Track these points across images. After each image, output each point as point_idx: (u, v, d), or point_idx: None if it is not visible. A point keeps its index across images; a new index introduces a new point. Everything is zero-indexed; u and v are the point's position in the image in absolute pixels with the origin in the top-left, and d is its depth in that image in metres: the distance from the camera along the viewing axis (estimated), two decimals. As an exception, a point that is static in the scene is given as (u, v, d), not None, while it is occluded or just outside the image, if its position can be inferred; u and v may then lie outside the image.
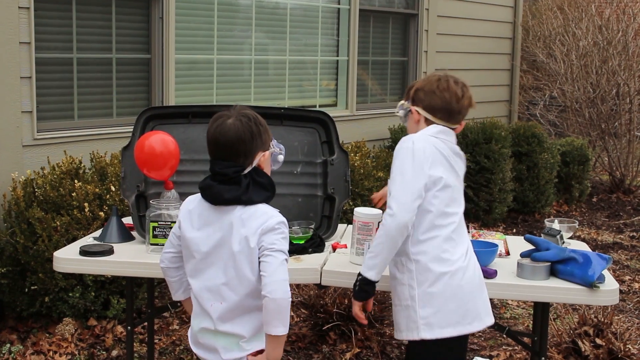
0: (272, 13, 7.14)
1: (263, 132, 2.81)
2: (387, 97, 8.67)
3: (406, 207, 2.91)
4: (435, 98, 3.11)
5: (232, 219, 2.72)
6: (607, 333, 4.48)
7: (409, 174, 2.94)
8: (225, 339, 2.77)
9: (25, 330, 4.81)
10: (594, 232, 7.91)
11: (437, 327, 2.98)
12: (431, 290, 2.98)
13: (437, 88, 3.11)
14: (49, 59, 5.39)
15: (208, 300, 2.77)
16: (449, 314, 2.98)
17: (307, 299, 4.96)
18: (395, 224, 2.91)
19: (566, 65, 10.07)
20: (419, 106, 3.15)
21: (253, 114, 2.81)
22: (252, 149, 2.76)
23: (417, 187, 2.93)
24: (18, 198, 4.71)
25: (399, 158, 2.99)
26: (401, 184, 2.94)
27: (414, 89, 3.19)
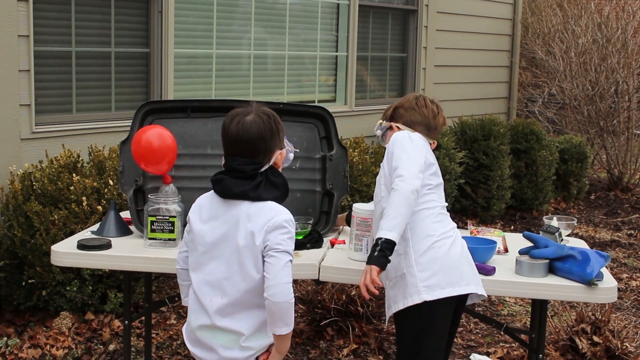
0: (271, 8, 7.13)
1: (280, 130, 2.81)
2: (386, 93, 8.66)
3: (414, 174, 3.05)
4: (414, 114, 3.37)
5: (238, 214, 2.71)
6: (604, 331, 4.48)
7: (411, 152, 3.12)
8: (224, 336, 2.75)
9: (22, 324, 4.80)
10: (591, 230, 7.91)
11: (437, 288, 3.07)
12: (428, 254, 3.08)
13: (416, 105, 3.38)
14: (48, 52, 5.38)
15: (207, 295, 2.76)
16: (447, 275, 3.08)
17: (305, 294, 4.96)
18: (408, 186, 3.01)
19: (565, 63, 10.06)
20: (398, 122, 3.39)
21: (271, 112, 2.80)
22: (272, 147, 2.77)
23: (420, 162, 3.10)
24: (16, 191, 4.70)
25: (397, 144, 3.17)
26: (407, 159, 3.09)
27: (393, 108, 3.46)
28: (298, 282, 5.17)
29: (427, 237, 3.11)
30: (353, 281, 3.62)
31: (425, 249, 3.10)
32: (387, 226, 2.98)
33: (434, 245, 3.10)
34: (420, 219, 3.13)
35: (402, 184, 3.02)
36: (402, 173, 3.05)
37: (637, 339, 4.84)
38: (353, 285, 4.72)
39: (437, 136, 3.42)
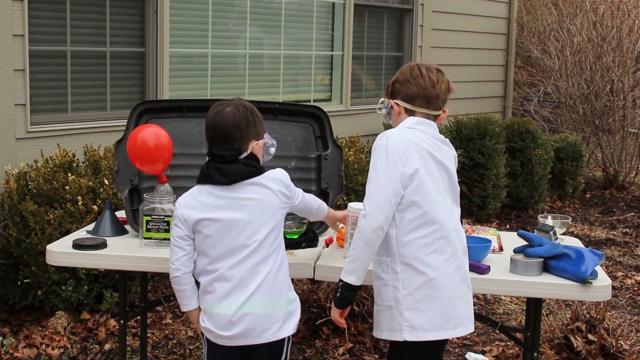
0: (266, 7, 7.13)
1: (258, 122, 3.02)
2: (381, 92, 8.66)
3: (379, 208, 2.88)
4: (410, 86, 3.11)
5: (244, 193, 2.94)
6: (599, 329, 4.49)
7: (382, 173, 2.92)
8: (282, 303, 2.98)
9: (17, 324, 4.80)
10: (587, 228, 7.93)
11: (420, 330, 2.95)
12: (416, 293, 2.94)
13: (410, 76, 3.11)
14: (43, 52, 5.37)
15: (251, 269, 2.91)
16: (432, 318, 2.95)
17: (301, 293, 4.96)
18: (369, 225, 2.88)
19: (560, 62, 10.08)
20: (397, 98, 3.16)
21: (250, 105, 3.02)
22: (247, 135, 2.97)
23: (391, 187, 2.89)
24: (11, 191, 4.69)
25: (374, 157, 2.98)
26: (375, 184, 2.92)
27: (391, 83, 3.22)
28: (294, 281, 5.17)
29: (419, 274, 2.93)
30: (348, 280, 3.63)
31: (416, 287, 2.94)
32: (346, 269, 2.96)
33: (426, 285, 2.94)
34: (413, 251, 2.95)
35: (363, 222, 2.90)
36: (365, 206, 2.91)
37: (632, 337, 4.85)
38: (348, 284, 4.71)
39: (443, 105, 3.14)
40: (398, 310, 2.96)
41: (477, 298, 5.66)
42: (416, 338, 2.96)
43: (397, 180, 2.90)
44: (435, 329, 2.96)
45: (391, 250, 2.97)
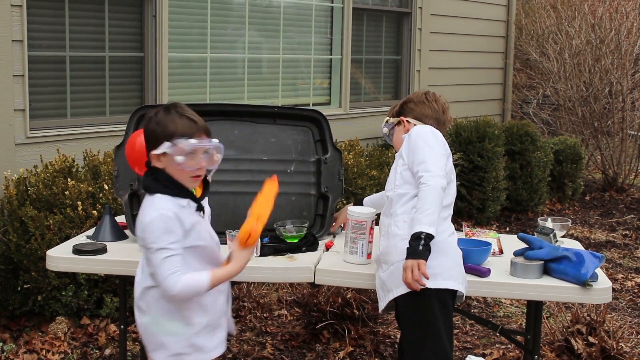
0: (265, 11, 7.13)
1: (157, 128, 2.76)
2: (380, 96, 8.67)
3: (441, 171, 3.10)
4: (425, 107, 3.41)
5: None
6: (599, 331, 4.49)
7: (436, 147, 3.17)
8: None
9: (17, 329, 4.80)
10: (587, 231, 7.93)
11: (440, 278, 3.09)
12: (436, 246, 3.04)
13: (426, 99, 3.42)
14: (42, 57, 5.38)
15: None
16: (448, 269, 3.12)
17: (301, 297, 4.96)
18: (438, 182, 3.05)
19: (559, 64, 10.09)
20: (408, 116, 3.43)
21: (157, 111, 2.81)
22: (148, 147, 2.82)
23: (443, 160, 3.16)
24: (11, 196, 4.69)
25: (421, 137, 3.19)
26: (433, 155, 3.14)
27: (401, 103, 3.48)
28: (294, 285, 5.18)
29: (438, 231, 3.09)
30: (349, 284, 3.63)
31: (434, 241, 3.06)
32: (427, 221, 2.99)
33: (441, 242, 3.10)
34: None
35: (433, 180, 3.05)
36: (430, 169, 3.08)
37: (632, 339, 4.85)
38: (349, 288, 4.72)
39: (445, 132, 3.43)
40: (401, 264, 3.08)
41: (478, 301, 5.66)
42: (435, 285, 3.07)
43: (445, 158, 3.19)
44: (453, 279, 3.12)
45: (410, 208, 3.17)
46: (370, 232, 3.45)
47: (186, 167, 2.73)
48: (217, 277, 2.74)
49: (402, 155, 3.28)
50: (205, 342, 2.89)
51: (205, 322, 2.87)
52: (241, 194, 3.85)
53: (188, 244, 2.76)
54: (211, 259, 2.87)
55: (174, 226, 2.71)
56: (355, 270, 3.41)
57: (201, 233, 2.82)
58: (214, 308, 2.90)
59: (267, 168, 3.95)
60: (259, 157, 3.96)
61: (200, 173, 2.78)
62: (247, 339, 4.88)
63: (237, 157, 3.92)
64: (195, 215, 2.81)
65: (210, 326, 2.90)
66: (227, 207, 2.94)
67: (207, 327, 2.88)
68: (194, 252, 2.79)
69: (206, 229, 2.88)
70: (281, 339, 4.88)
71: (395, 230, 3.19)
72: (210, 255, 2.87)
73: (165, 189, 2.77)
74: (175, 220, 2.71)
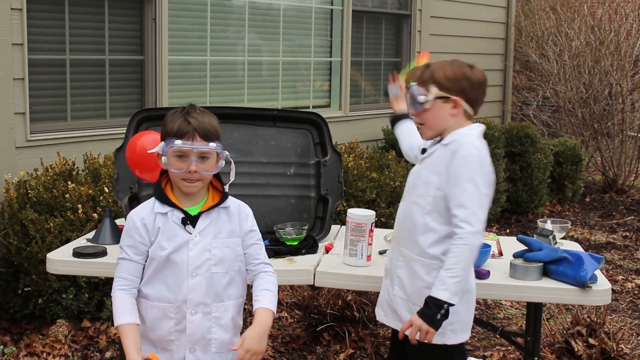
0: (265, 14, 7.14)
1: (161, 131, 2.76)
2: (380, 98, 8.67)
3: (482, 225, 2.76)
4: (480, 92, 2.93)
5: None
6: (600, 333, 4.49)
7: (482, 187, 2.77)
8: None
9: (18, 332, 4.80)
10: (587, 232, 7.93)
11: (459, 332, 2.95)
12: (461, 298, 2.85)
13: (483, 82, 2.94)
14: (42, 61, 5.38)
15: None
16: (467, 320, 2.98)
17: (301, 300, 4.97)
18: (477, 241, 2.75)
19: (559, 66, 10.09)
20: (459, 96, 2.88)
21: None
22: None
23: (487, 204, 2.79)
24: (11, 199, 4.70)
25: (467, 167, 2.77)
26: (477, 200, 2.75)
27: (454, 75, 2.87)
28: (294, 287, 5.18)
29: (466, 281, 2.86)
30: (349, 286, 3.64)
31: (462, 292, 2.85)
32: (454, 290, 2.73)
33: (470, 287, 2.95)
34: None
35: (472, 239, 2.73)
36: (472, 221, 2.73)
37: (632, 340, 4.85)
38: (349, 291, 4.72)
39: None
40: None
41: (478, 303, 5.66)
42: (456, 341, 2.96)
43: (489, 197, 2.82)
44: (467, 331, 2.99)
45: (438, 255, 2.88)
46: (370, 235, 3.46)
47: (172, 168, 2.67)
48: (121, 332, 2.65)
49: (437, 172, 2.86)
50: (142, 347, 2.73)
51: (142, 330, 2.74)
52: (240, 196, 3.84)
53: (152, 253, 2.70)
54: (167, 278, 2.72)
55: (135, 232, 2.68)
56: (355, 272, 3.42)
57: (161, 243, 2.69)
58: (150, 324, 2.75)
59: (266, 171, 3.96)
60: (259, 159, 3.97)
61: (191, 177, 2.66)
62: (247, 341, 4.88)
63: (237, 160, 3.92)
64: (174, 226, 2.71)
65: (149, 341, 2.77)
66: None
67: (144, 338, 2.75)
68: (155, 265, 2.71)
69: (181, 246, 2.70)
70: (282, 341, 4.88)
71: (421, 273, 2.93)
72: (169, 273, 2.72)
73: (155, 192, 2.75)
74: (141, 228, 2.68)
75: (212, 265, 2.73)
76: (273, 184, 3.97)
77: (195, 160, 2.65)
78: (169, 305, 2.71)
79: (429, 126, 2.94)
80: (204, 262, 2.72)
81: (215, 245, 2.74)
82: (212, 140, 2.68)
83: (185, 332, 2.73)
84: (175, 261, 2.70)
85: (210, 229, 2.74)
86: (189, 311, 2.71)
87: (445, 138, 2.91)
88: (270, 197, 3.95)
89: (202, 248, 2.72)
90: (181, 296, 2.70)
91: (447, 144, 2.87)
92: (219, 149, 2.70)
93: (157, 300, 2.72)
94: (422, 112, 2.91)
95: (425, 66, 2.97)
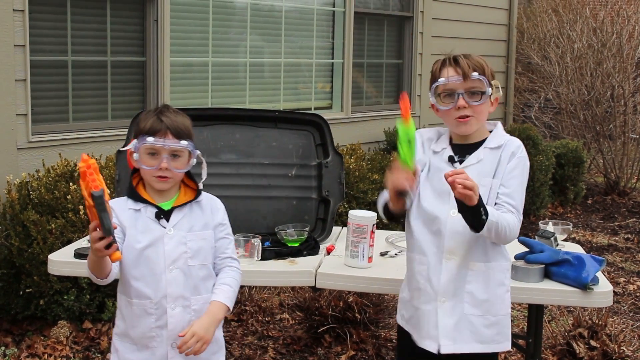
0: (267, 16, 7.15)
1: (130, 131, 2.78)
2: (382, 100, 8.68)
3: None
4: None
5: None
6: (601, 335, 4.49)
7: (525, 186, 2.86)
8: None
9: (20, 333, 4.80)
10: (589, 234, 7.92)
11: (504, 341, 2.87)
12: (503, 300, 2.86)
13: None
14: (44, 62, 5.39)
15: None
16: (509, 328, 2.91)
17: (302, 301, 4.97)
18: (517, 229, 2.75)
19: (561, 68, 10.09)
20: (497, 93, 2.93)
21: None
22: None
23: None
24: (13, 201, 4.70)
25: (521, 167, 2.87)
26: (521, 196, 2.81)
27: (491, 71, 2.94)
28: (295, 289, 5.18)
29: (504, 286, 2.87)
30: (350, 288, 3.64)
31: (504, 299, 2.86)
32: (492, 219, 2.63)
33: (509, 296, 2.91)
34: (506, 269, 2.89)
35: (517, 223, 2.74)
36: (521, 208, 2.79)
37: (634, 342, 4.85)
38: (350, 292, 4.72)
39: None
40: (508, 318, 2.88)
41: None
42: (502, 349, 2.86)
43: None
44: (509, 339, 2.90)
45: (508, 255, 2.90)
46: (371, 236, 3.45)
47: (143, 165, 2.68)
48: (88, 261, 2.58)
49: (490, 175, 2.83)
50: (121, 348, 2.78)
51: (123, 329, 2.76)
52: (242, 197, 3.86)
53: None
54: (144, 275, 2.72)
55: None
56: (356, 274, 3.41)
57: (136, 237, 2.69)
58: (131, 321, 2.74)
59: (268, 172, 3.96)
60: (260, 161, 3.97)
61: (162, 174, 2.68)
62: (249, 342, 4.89)
63: (238, 162, 3.93)
64: (148, 221, 2.72)
65: (130, 338, 2.76)
66: (228, 211, 2.94)
67: (125, 336, 2.77)
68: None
69: (156, 240, 2.71)
70: (283, 343, 4.88)
71: (501, 278, 2.84)
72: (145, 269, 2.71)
73: (128, 190, 2.77)
74: (115, 217, 2.64)
75: (188, 259, 2.73)
76: (274, 186, 3.97)
77: (166, 157, 2.67)
78: (148, 301, 2.71)
79: (479, 120, 2.88)
80: (180, 255, 2.72)
81: (190, 238, 2.75)
82: (183, 139, 2.71)
83: (166, 328, 2.72)
84: (151, 256, 2.70)
85: (184, 223, 2.76)
86: (169, 306, 2.71)
87: (489, 141, 2.89)
88: (271, 198, 3.95)
89: (177, 241, 2.72)
90: (160, 291, 2.71)
91: (495, 148, 2.87)
92: (190, 147, 2.73)
93: (136, 297, 2.72)
94: (480, 104, 2.86)
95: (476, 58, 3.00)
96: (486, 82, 2.87)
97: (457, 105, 2.82)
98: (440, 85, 2.89)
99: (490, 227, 2.63)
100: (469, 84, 2.85)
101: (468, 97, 2.83)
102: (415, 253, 2.89)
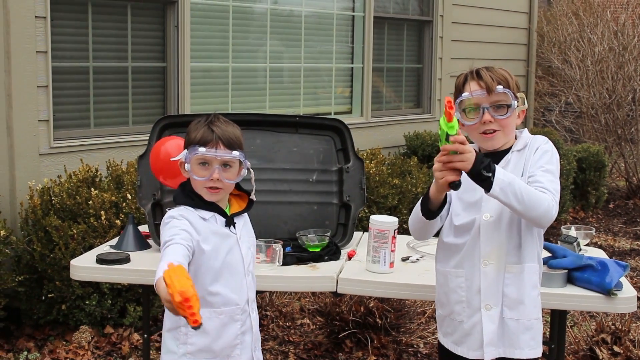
0: (286, 21, 7.16)
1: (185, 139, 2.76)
2: (402, 104, 8.66)
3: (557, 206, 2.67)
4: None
5: None
6: (624, 340, 4.45)
7: (555, 174, 2.74)
8: None
9: (42, 338, 4.83)
10: (610, 239, 7.86)
11: (536, 347, 2.82)
12: (535, 302, 2.82)
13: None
14: (66, 68, 5.42)
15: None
16: (541, 334, 2.87)
17: (323, 306, 4.96)
18: (555, 211, 2.63)
19: (582, 71, 10.03)
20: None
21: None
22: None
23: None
24: (35, 206, 4.73)
25: (550, 156, 2.76)
26: (550, 178, 2.68)
27: (515, 83, 2.85)
28: (316, 294, 5.17)
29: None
30: (371, 293, 3.63)
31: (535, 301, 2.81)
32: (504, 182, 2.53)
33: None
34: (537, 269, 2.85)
35: (547, 197, 2.60)
36: (556, 193, 2.65)
37: (658, 348, 4.80)
38: (371, 297, 4.71)
39: None
40: (540, 323, 2.82)
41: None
42: (534, 355, 2.82)
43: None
44: (541, 345, 2.85)
45: (541, 258, 2.87)
46: (393, 241, 3.44)
47: (195, 176, 2.67)
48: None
49: (524, 171, 2.77)
50: None
51: (203, 345, 2.70)
52: (263, 203, 3.86)
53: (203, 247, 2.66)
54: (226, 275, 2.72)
55: (181, 224, 2.62)
56: (377, 279, 3.41)
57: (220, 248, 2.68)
58: (216, 333, 2.70)
59: (289, 177, 3.96)
60: (281, 166, 3.97)
61: (214, 185, 2.66)
62: (269, 348, 4.89)
63: (259, 167, 3.93)
64: (221, 228, 2.72)
65: (211, 352, 2.70)
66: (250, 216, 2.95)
67: (205, 351, 2.70)
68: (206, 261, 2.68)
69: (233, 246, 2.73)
70: (304, 348, 4.88)
71: (535, 280, 2.82)
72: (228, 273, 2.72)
73: (188, 200, 2.72)
74: (182, 219, 2.64)
75: (251, 263, 2.84)
76: (295, 191, 3.97)
77: (218, 168, 2.66)
78: (236, 307, 2.74)
79: (507, 133, 2.81)
80: (251, 260, 2.82)
81: (251, 243, 2.86)
82: (235, 149, 2.69)
83: (250, 332, 2.78)
84: (232, 262, 2.73)
85: (244, 230, 2.83)
86: (251, 309, 2.80)
87: (516, 145, 2.84)
88: (292, 203, 3.95)
89: (246, 247, 2.80)
90: (244, 296, 2.76)
91: (522, 149, 2.82)
92: (241, 157, 2.70)
93: (223, 305, 2.71)
94: (505, 118, 2.78)
95: (500, 70, 2.86)
96: (511, 94, 2.78)
97: (483, 120, 2.76)
98: (464, 100, 2.81)
99: (504, 188, 2.52)
100: (494, 97, 2.77)
101: (494, 111, 2.77)
102: (450, 267, 2.86)
